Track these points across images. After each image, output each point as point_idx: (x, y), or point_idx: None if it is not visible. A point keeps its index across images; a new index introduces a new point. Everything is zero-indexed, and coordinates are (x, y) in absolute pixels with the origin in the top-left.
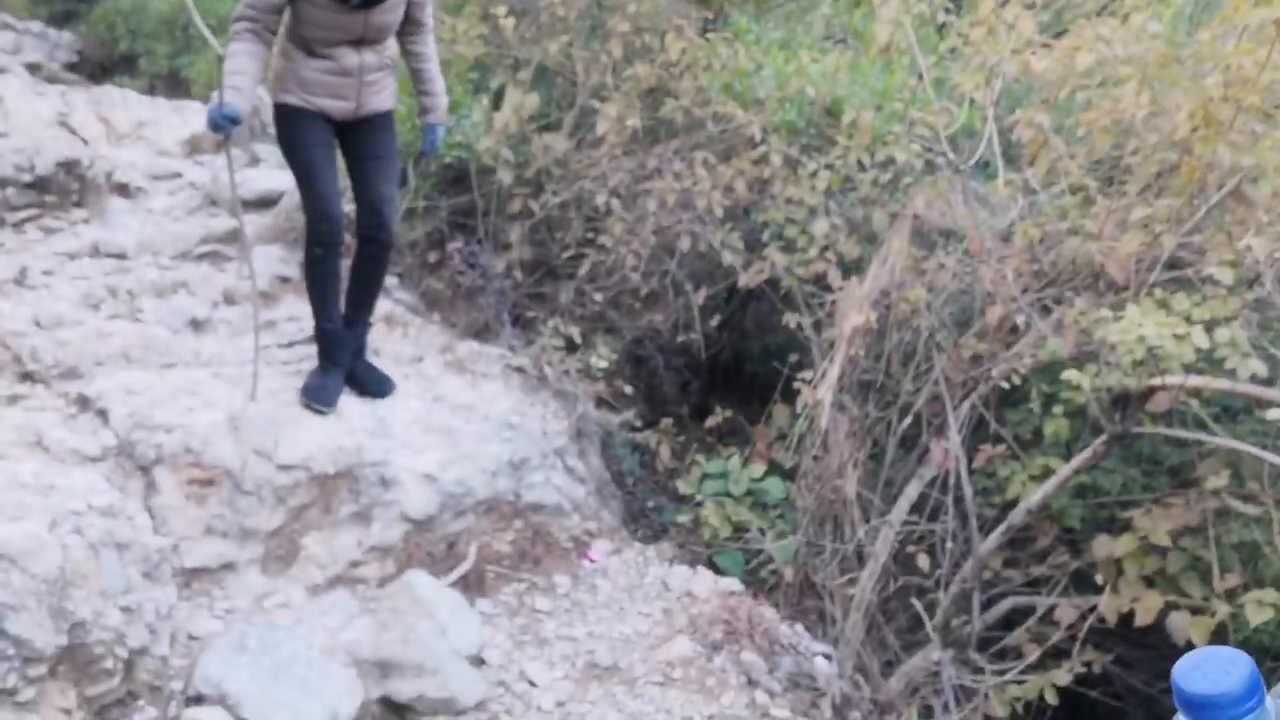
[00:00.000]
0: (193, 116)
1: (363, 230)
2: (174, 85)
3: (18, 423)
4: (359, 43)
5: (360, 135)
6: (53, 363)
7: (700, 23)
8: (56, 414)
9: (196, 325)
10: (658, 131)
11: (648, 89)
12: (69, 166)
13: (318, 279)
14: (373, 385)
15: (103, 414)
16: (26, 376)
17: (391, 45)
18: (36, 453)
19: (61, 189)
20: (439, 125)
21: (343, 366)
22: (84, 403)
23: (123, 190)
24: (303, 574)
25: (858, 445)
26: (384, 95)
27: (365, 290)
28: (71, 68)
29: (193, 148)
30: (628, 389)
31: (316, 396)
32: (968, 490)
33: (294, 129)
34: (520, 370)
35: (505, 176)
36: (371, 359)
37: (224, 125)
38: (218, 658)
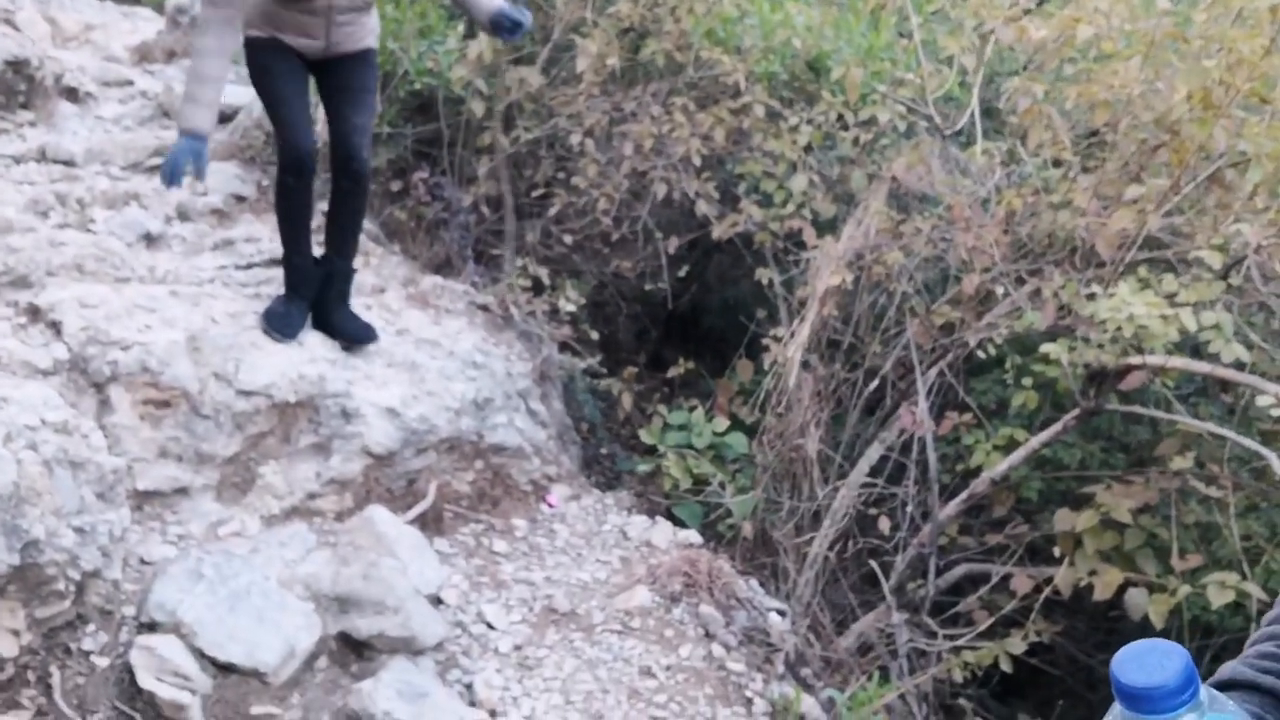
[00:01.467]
0: (143, 23)
1: (334, 164)
2: None
3: None
4: None
5: (334, 69)
6: (2, 270)
7: None
8: (6, 324)
9: (150, 240)
10: (635, 73)
11: (627, 28)
12: (17, 66)
13: (289, 210)
14: (354, 332)
15: (55, 326)
16: None
17: None
18: None
19: (8, 89)
20: (500, 10)
21: (308, 299)
22: (35, 313)
23: (71, 95)
24: (259, 503)
25: (822, 405)
26: (359, 33)
27: (341, 228)
28: None
29: (142, 55)
30: (594, 334)
31: (277, 324)
32: (931, 456)
33: (262, 59)
34: (485, 308)
35: (476, 108)
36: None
37: (178, 173)
38: (173, 584)
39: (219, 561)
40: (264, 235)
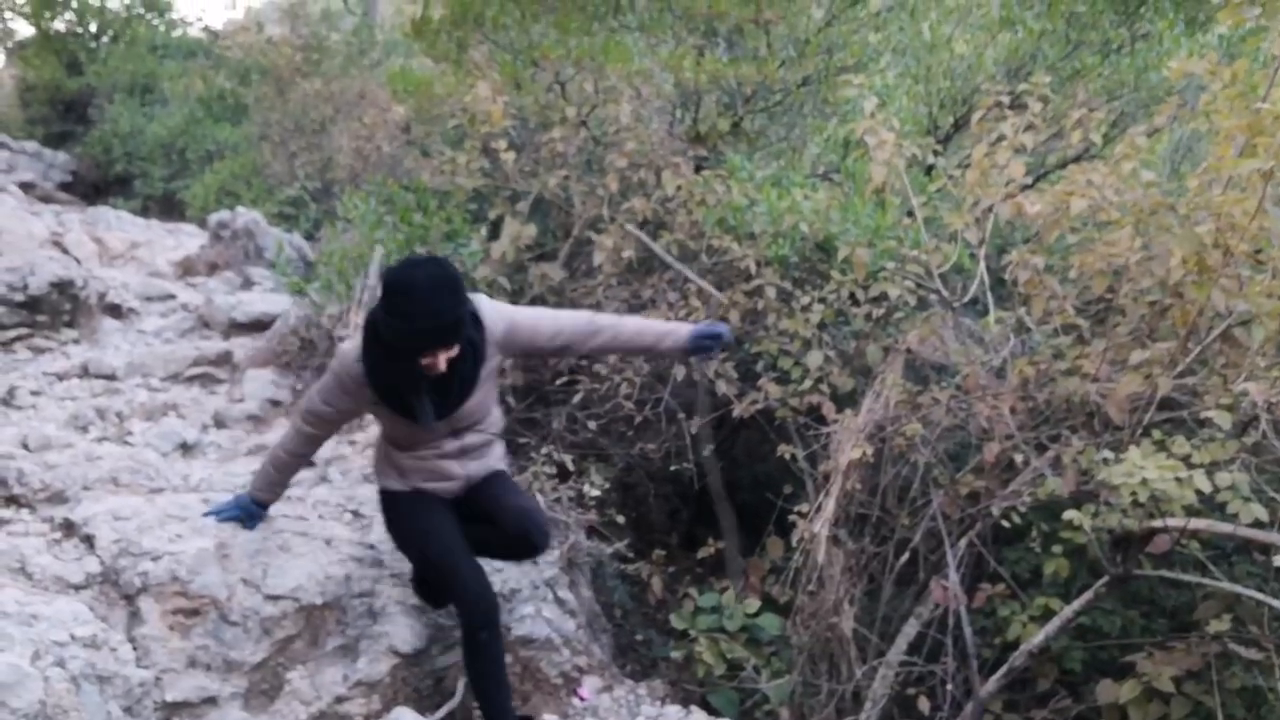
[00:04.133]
0: (186, 238)
1: (510, 546)
2: (168, 207)
3: (1, 548)
4: (451, 435)
5: (471, 495)
6: (39, 486)
7: (694, 160)
8: (41, 539)
9: (186, 449)
10: (652, 263)
11: (643, 221)
12: (62, 287)
13: (487, 669)
14: None
15: (88, 540)
16: (12, 500)
17: (494, 419)
18: (20, 580)
19: (53, 309)
20: (697, 334)
21: None
22: (69, 528)
23: (114, 311)
24: (286, 709)
25: (854, 581)
26: (490, 460)
27: None
28: (65, 187)
29: (186, 269)
30: (620, 518)
31: None
32: (968, 630)
33: (403, 514)
34: None
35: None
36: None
37: (225, 518)
38: None
39: None
40: None
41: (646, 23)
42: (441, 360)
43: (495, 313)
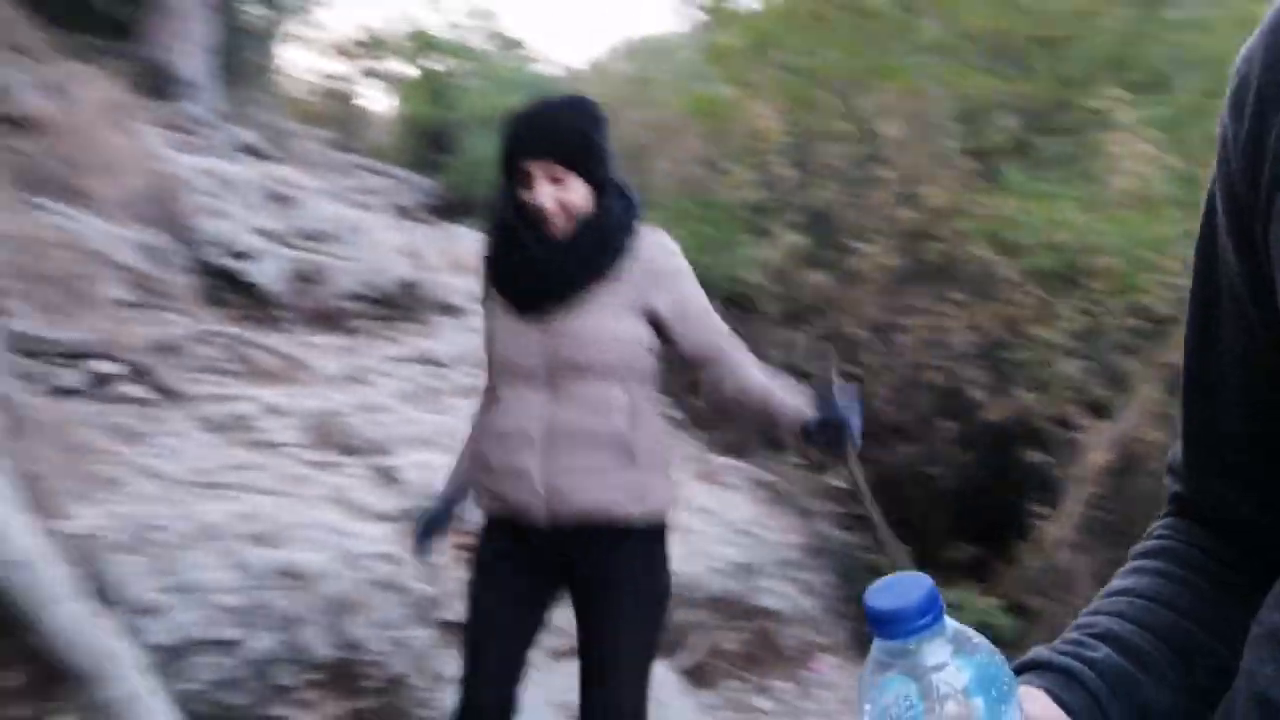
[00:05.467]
0: None
1: None
2: None
3: (331, 484)
4: (546, 381)
5: (581, 575)
6: (366, 439)
7: (970, 175)
8: (363, 480)
9: None
10: (917, 272)
11: (910, 232)
12: (407, 287)
13: None
14: None
15: (399, 483)
16: (344, 449)
17: (616, 403)
18: (340, 507)
19: (398, 305)
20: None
21: None
22: (385, 473)
23: (449, 310)
24: (553, 641)
25: (1100, 590)
26: (597, 488)
27: None
28: (431, 210)
29: None
30: (874, 514)
31: None
32: None
33: (477, 556)
34: (766, 485)
35: (771, 308)
36: None
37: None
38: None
39: None
40: None
41: (937, 44)
42: (544, 191)
43: (670, 252)
